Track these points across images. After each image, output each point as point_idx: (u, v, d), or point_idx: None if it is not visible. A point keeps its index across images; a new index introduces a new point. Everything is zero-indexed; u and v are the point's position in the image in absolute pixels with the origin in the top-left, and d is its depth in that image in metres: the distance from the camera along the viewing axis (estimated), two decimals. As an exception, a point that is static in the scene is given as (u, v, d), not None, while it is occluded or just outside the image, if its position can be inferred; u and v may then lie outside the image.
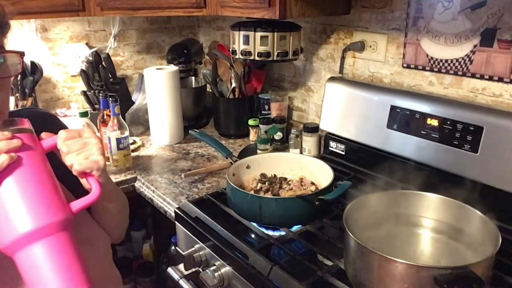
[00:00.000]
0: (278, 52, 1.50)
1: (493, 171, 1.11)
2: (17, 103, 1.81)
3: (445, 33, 1.25)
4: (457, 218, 0.96)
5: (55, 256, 0.65)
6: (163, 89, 1.75)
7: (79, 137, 0.76)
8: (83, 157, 0.74)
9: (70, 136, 0.75)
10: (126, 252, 1.96)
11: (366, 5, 1.45)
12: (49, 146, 0.74)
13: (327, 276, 0.93)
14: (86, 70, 1.90)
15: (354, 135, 1.45)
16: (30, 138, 0.71)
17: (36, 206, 0.66)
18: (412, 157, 1.28)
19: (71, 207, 0.70)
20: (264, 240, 1.09)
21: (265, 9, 1.29)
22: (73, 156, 0.74)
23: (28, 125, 0.73)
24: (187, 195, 1.38)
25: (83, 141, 0.75)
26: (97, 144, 0.77)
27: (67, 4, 1.58)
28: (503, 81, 1.16)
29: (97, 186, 0.74)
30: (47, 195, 0.68)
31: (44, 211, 0.66)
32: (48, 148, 0.74)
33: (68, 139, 0.74)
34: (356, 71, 1.55)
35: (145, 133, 1.93)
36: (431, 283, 0.74)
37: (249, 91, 1.87)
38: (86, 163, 0.74)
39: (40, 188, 0.67)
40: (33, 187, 0.67)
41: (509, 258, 0.94)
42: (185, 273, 1.18)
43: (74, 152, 0.74)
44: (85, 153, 0.75)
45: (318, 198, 1.08)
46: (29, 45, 1.92)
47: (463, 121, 1.16)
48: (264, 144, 1.63)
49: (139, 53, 2.23)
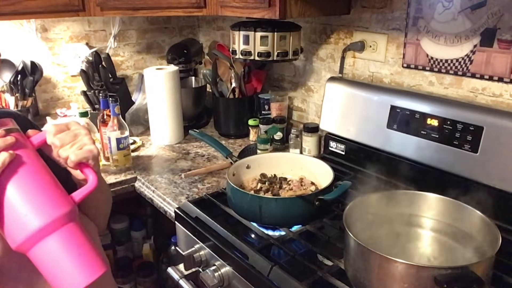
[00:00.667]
0: (278, 52, 1.50)
1: (493, 171, 1.11)
2: (17, 103, 1.81)
3: (445, 33, 1.25)
4: (457, 218, 0.96)
5: (69, 246, 0.67)
6: (163, 89, 1.75)
7: (68, 129, 0.77)
8: (77, 147, 0.75)
9: (59, 130, 0.76)
10: (126, 252, 1.96)
11: (366, 5, 1.45)
12: (38, 143, 0.74)
13: (327, 276, 0.93)
14: (86, 70, 1.90)
15: (354, 135, 1.45)
16: (20, 136, 0.71)
17: (42, 202, 0.67)
18: (412, 157, 1.28)
19: (73, 198, 0.72)
20: (264, 240, 1.09)
21: (265, 9, 1.29)
22: (67, 148, 0.75)
23: (13, 124, 0.73)
24: (187, 195, 1.38)
25: (73, 133, 0.76)
26: (87, 134, 0.78)
27: (67, 4, 1.58)
28: (503, 81, 1.16)
29: (94, 175, 0.76)
30: (50, 190, 0.69)
31: (51, 205, 0.67)
32: (38, 144, 0.74)
33: (58, 132, 0.75)
34: (356, 71, 1.55)
35: (145, 133, 1.93)
36: (431, 283, 0.74)
37: (249, 91, 1.87)
38: (82, 153, 0.75)
39: (43, 184, 0.69)
40: (36, 184, 0.68)
41: (509, 258, 0.94)
42: (185, 273, 1.18)
43: (68, 144, 0.75)
44: (79, 144, 0.76)
45: (318, 198, 1.08)
46: (29, 45, 1.92)
47: (463, 121, 1.16)
48: (264, 144, 1.63)
49: (139, 53, 2.23)
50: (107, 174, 1.53)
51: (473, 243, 0.92)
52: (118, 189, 1.49)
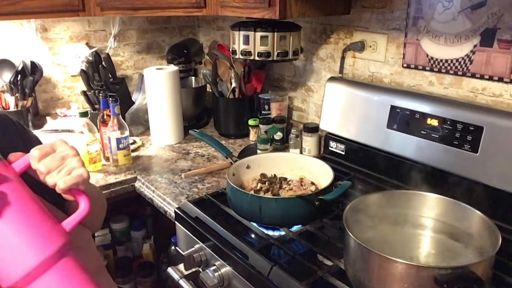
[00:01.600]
0: (278, 52, 1.50)
1: (493, 171, 1.11)
2: (17, 103, 1.81)
3: (445, 33, 1.25)
4: (457, 218, 0.96)
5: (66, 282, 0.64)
6: (163, 89, 1.75)
7: (53, 151, 0.69)
8: (65, 173, 0.68)
9: (44, 153, 0.67)
10: (126, 252, 1.96)
11: (366, 5, 1.45)
12: (21, 169, 0.67)
13: (327, 276, 0.93)
14: (86, 70, 1.89)
15: (354, 135, 1.45)
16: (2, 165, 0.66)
17: (34, 240, 0.63)
18: (412, 157, 1.28)
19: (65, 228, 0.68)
20: (264, 240, 1.09)
21: (265, 9, 1.29)
22: (54, 175, 0.67)
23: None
24: (187, 195, 1.38)
25: (59, 156, 0.68)
26: (75, 155, 0.70)
27: (67, 4, 1.58)
28: (503, 81, 1.16)
29: (86, 200, 0.70)
30: (42, 225, 0.65)
31: (43, 242, 0.63)
32: (21, 171, 0.67)
33: (43, 157, 0.67)
34: (356, 71, 1.55)
35: (145, 133, 1.93)
36: (431, 283, 0.74)
37: (249, 91, 1.87)
38: (71, 179, 0.67)
39: (33, 220, 0.64)
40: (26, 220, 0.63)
41: (509, 258, 0.94)
42: (185, 273, 1.18)
43: (55, 170, 0.67)
44: (66, 169, 0.68)
45: (318, 198, 1.08)
46: (29, 45, 1.92)
47: (463, 121, 1.16)
48: (264, 144, 1.63)
49: (139, 53, 2.23)
50: (107, 174, 1.53)
51: (473, 243, 0.92)
52: (118, 189, 1.49)
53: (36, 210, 0.65)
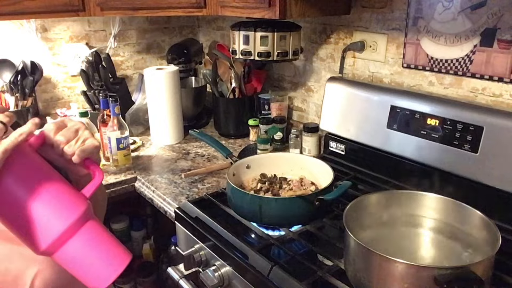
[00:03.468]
0: (278, 52, 1.50)
1: (493, 171, 1.11)
2: (17, 103, 1.81)
3: (445, 33, 1.25)
4: (457, 218, 0.96)
5: (93, 243, 0.69)
6: (163, 89, 1.75)
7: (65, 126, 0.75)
8: (82, 143, 0.74)
9: (59, 127, 0.73)
10: (126, 252, 1.96)
11: (366, 5, 1.45)
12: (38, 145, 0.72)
13: (327, 276, 0.93)
14: (86, 70, 1.90)
15: (354, 135, 1.45)
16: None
17: (61, 206, 0.68)
18: (412, 157, 1.28)
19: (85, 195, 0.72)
20: (264, 240, 1.09)
21: (265, 9, 1.29)
22: (72, 144, 0.73)
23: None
24: (187, 195, 1.38)
25: (73, 128, 0.74)
26: (85, 128, 0.76)
27: (67, 4, 1.58)
28: (503, 81, 1.16)
29: (99, 169, 0.75)
30: (65, 192, 0.69)
31: (70, 207, 0.68)
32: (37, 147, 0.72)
33: (59, 129, 0.73)
34: (356, 71, 1.55)
35: (145, 133, 1.93)
36: (431, 283, 0.74)
37: (249, 91, 1.87)
38: (88, 148, 0.73)
39: (57, 187, 0.69)
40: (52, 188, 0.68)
41: (509, 258, 0.94)
42: (185, 273, 1.18)
43: (73, 140, 0.73)
44: (82, 139, 0.74)
45: (318, 198, 1.08)
46: (29, 45, 1.92)
47: (463, 121, 1.16)
48: (264, 144, 1.63)
49: (139, 53, 2.23)
50: (107, 174, 1.53)
51: (473, 243, 0.92)
52: (118, 189, 1.49)
53: (59, 180, 0.70)
